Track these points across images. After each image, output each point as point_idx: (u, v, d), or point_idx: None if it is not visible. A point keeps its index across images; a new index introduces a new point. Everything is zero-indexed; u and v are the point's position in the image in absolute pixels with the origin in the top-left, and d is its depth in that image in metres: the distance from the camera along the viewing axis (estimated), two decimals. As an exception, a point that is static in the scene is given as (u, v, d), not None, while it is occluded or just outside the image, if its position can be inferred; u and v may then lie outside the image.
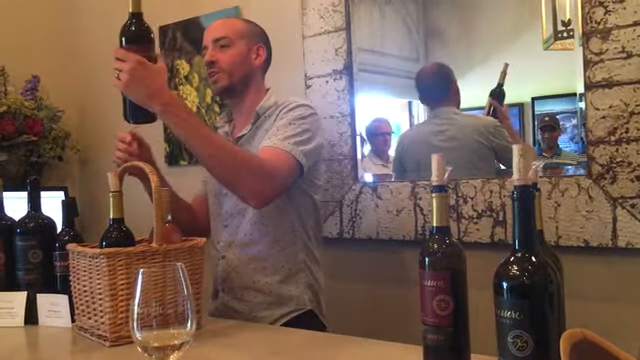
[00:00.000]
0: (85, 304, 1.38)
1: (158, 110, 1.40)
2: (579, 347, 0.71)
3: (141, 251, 1.32)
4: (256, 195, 1.49)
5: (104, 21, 2.83)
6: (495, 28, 1.97)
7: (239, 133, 1.71)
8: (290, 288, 1.64)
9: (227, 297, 1.68)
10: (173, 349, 0.90)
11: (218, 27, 1.71)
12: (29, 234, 1.56)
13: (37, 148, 2.61)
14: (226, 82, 1.67)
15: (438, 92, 2.07)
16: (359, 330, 1.40)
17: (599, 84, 1.56)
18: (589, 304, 1.55)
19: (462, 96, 1.99)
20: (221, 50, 1.67)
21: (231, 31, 1.69)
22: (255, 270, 1.64)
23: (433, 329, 0.98)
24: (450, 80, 2.01)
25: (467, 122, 2.02)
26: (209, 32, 1.72)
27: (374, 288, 2.01)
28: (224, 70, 1.66)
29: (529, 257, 0.86)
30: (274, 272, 1.64)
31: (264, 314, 1.62)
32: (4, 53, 2.62)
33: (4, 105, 2.51)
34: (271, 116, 1.67)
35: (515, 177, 0.87)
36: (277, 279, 1.64)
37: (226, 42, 1.67)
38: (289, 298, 1.64)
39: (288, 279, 1.64)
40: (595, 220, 1.58)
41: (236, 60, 1.67)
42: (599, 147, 1.57)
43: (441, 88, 2.05)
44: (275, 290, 1.63)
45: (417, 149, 2.11)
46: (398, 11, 2.20)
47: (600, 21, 1.56)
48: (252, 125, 1.69)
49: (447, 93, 2.03)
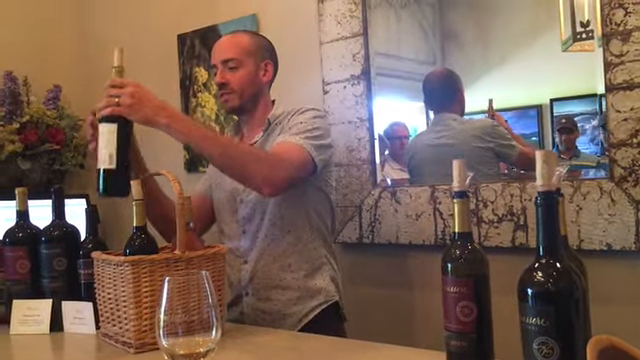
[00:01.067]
0: (110, 311, 1.39)
1: (165, 123, 1.46)
2: (606, 353, 0.71)
3: (164, 258, 1.34)
4: (268, 182, 1.50)
5: (124, 31, 2.87)
6: (512, 30, 1.97)
7: (250, 142, 1.74)
8: (317, 281, 1.68)
9: (252, 300, 1.70)
10: (199, 356, 0.91)
11: (226, 48, 1.73)
12: (54, 242, 1.58)
13: (59, 156, 2.64)
14: (237, 102, 1.71)
15: (442, 97, 2.08)
16: (378, 335, 1.40)
17: (620, 86, 1.55)
18: (612, 308, 1.53)
19: (478, 99, 1.99)
20: (231, 71, 1.70)
21: (239, 51, 1.71)
22: (281, 268, 1.67)
23: (456, 335, 0.98)
24: (456, 87, 2.02)
25: (463, 127, 2.03)
26: (217, 52, 1.73)
27: (394, 293, 2.01)
28: (235, 91, 1.70)
29: (554, 263, 0.86)
30: (299, 268, 1.67)
31: (294, 309, 1.66)
32: (26, 63, 2.66)
33: (27, 115, 2.55)
34: (281, 122, 1.70)
35: (539, 183, 0.87)
36: (303, 274, 1.67)
37: (235, 64, 1.70)
38: (317, 290, 1.68)
39: (313, 273, 1.69)
40: (618, 223, 1.56)
41: (246, 80, 1.71)
42: (621, 149, 1.56)
43: (445, 94, 2.07)
44: (302, 284, 1.67)
45: (420, 157, 2.13)
46: (414, 15, 2.20)
47: (620, 23, 1.55)
48: (264, 132, 1.72)
49: (451, 100, 2.04)
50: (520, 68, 1.94)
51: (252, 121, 1.77)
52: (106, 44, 2.94)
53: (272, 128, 1.72)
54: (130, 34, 2.84)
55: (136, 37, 2.82)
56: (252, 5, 2.35)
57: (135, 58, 2.84)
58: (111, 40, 2.91)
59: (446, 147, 2.01)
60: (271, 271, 1.68)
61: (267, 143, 1.69)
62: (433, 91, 2.09)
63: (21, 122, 2.52)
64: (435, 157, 2.04)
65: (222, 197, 1.78)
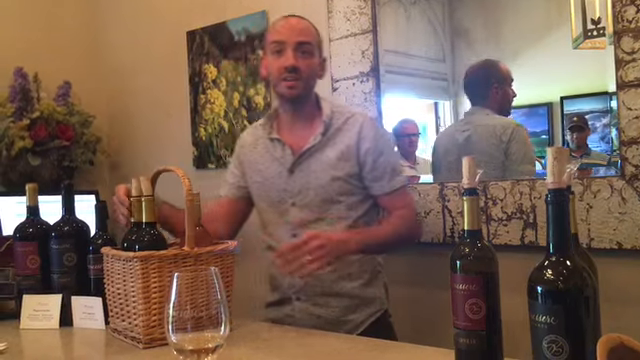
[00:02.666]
0: (119, 306, 1.40)
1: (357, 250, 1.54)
2: (616, 352, 0.70)
3: (173, 254, 1.34)
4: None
5: (133, 27, 2.88)
6: (522, 27, 1.95)
7: (305, 144, 1.65)
8: (374, 290, 1.69)
9: (306, 304, 1.65)
10: (207, 352, 0.92)
11: (303, 30, 1.64)
12: (64, 238, 1.59)
13: (69, 153, 2.66)
14: (302, 91, 1.63)
15: (475, 91, 2.00)
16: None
17: (632, 84, 1.54)
18: (623, 307, 1.52)
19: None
20: (303, 56, 1.61)
21: (313, 38, 1.65)
22: (340, 277, 1.63)
23: (465, 333, 0.98)
24: (490, 81, 1.95)
25: (485, 123, 1.98)
26: (292, 31, 1.62)
27: (402, 291, 2.00)
28: (303, 79, 1.62)
29: (564, 261, 0.85)
30: (358, 277, 1.66)
31: (352, 317, 1.65)
32: (37, 59, 2.67)
33: (37, 111, 2.56)
34: (342, 130, 1.65)
35: (549, 180, 0.86)
36: (361, 282, 1.66)
37: (309, 49, 1.62)
38: (373, 299, 1.68)
39: (371, 281, 1.68)
40: (628, 222, 1.55)
41: (313, 70, 1.65)
42: (632, 147, 1.55)
43: (479, 87, 1.99)
44: (361, 293, 1.66)
45: (442, 150, 2.11)
46: (424, 12, 2.19)
47: (632, 20, 1.53)
48: (322, 136, 1.64)
49: (484, 93, 1.96)
50: (530, 66, 1.93)
51: (302, 115, 1.68)
52: (116, 41, 2.97)
53: (332, 133, 1.64)
54: (139, 31, 2.85)
55: (145, 34, 2.83)
56: (262, 2, 2.34)
57: (144, 55, 2.87)
58: (120, 36, 2.94)
59: (466, 142, 1.98)
60: (329, 279, 1.62)
61: (326, 148, 1.63)
62: (467, 84, 2.03)
63: (31, 118, 2.54)
64: (456, 151, 2.02)
65: (263, 197, 1.72)
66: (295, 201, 1.65)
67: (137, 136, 2.87)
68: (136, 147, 2.86)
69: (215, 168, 2.53)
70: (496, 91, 1.94)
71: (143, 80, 2.83)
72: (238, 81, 2.44)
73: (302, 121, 1.69)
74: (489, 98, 1.96)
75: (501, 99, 1.94)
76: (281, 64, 1.61)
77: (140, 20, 2.85)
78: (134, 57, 2.88)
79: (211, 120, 2.54)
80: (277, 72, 1.62)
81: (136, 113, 2.87)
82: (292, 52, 1.60)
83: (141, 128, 2.85)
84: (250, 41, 2.39)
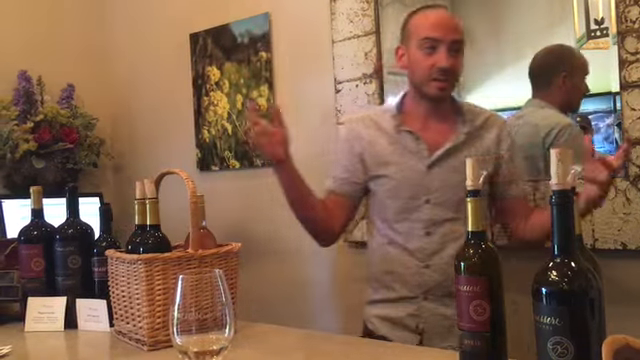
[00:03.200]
0: (123, 309, 1.40)
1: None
2: (622, 353, 0.70)
3: (177, 257, 1.34)
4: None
5: (137, 29, 2.89)
6: (525, 26, 1.95)
7: (443, 140, 1.58)
8: None
9: (433, 305, 1.57)
10: (212, 354, 0.92)
11: (456, 26, 1.55)
12: (68, 240, 1.60)
13: (73, 155, 2.66)
14: (451, 91, 1.59)
15: (537, 78, 1.81)
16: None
17: (635, 84, 1.54)
18: (628, 308, 1.52)
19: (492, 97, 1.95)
20: (455, 55, 1.53)
21: (463, 34, 1.57)
22: None
23: (470, 334, 0.98)
24: (558, 69, 1.76)
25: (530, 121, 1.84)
26: (446, 29, 1.53)
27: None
28: (455, 79, 1.57)
29: (568, 262, 0.85)
30: None
31: None
32: (40, 62, 2.68)
33: (41, 114, 2.57)
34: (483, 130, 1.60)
35: (553, 181, 0.86)
36: None
37: (460, 47, 1.54)
38: None
39: None
40: (633, 223, 1.55)
41: (461, 68, 1.58)
42: (636, 148, 1.54)
43: (542, 75, 1.80)
44: None
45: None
46: (426, 13, 2.19)
47: (636, 20, 1.53)
48: (465, 135, 1.58)
49: (543, 84, 1.78)
50: (534, 66, 1.92)
51: (438, 111, 1.61)
52: (119, 43, 2.97)
53: (474, 133, 1.59)
54: (142, 33, 2.86)
55: (148, 36, 2.84)
56: (265, 4, 2.35)
57: (147, 57, 2.87)
58: (124, 39, 2.94)
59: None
60: None
61: (465, 147, 1.57)
62: (532, 70, 1.83)
63: (35, 121, 2.55)
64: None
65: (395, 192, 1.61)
66: (430, 198, 1.57)
67: (140, 138, 2.87)
68: (140, 149, 2.87)
69: (219, 170, 2.54)
70: (564, 81, 1.76)
71: (146, 82, 2.84)
72: (241, 83, 2.45)
73: (437, 117, 1.61)
74: (553, 88, 1.77)
75: (568, 91, 1.76)
76: (433, 63, 1.52)
77: (143, 23, 2.86)
78: (137, 59, 2.89)
79: (214, 122, 2.54)
80: (427, 70, 1.54)
81: (139, 115, 2.88)
82: (446, 51, 1.51)
83: (144, 130, 2.85)
84: (253, 43, 2.40)
